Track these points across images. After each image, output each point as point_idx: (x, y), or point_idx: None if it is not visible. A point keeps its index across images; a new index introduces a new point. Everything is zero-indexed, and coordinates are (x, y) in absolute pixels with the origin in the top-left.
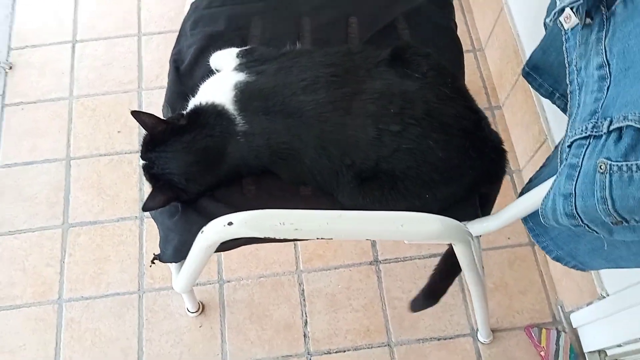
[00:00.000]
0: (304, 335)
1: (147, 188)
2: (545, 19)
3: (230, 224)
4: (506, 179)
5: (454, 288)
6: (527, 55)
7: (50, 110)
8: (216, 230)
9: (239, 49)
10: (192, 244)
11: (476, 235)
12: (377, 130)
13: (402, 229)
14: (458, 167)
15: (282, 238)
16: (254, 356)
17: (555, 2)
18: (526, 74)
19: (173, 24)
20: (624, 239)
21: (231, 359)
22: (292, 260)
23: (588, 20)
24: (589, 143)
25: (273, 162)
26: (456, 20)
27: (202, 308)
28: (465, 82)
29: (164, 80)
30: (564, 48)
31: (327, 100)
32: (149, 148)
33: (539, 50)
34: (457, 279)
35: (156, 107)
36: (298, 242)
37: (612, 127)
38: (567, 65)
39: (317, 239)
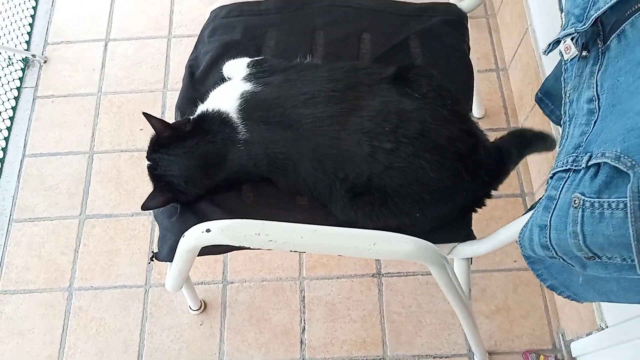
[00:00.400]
0: (301, 342)
1: None
2: (539, 93)
3: (208, 231)
4: (518, 201)
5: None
6: None
7: (78, 104)
8: (195, 235)
9: (251, 59)
10: None
11: (465, 257)
12: (371, 147)
13: (374, 247)
14: (450, 188)
15: (257, 248)
16: (250, 358)
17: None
18: (539, 100)
19: None
20: (596, 274)
21: (227, 359)
22: (295, 266)
23: (585, 52)
24: (569, 176)
25: (271, 171)
26: (483, 39)
27: (204, 307)
28: (486, 101)
29: None
30: (562, 78)
31: (325, 114)
32: (154, 149)
33: (551, 77)
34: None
35: None
36: None
37: (590, 163)
38: (563, 95)
39: (291, 251)
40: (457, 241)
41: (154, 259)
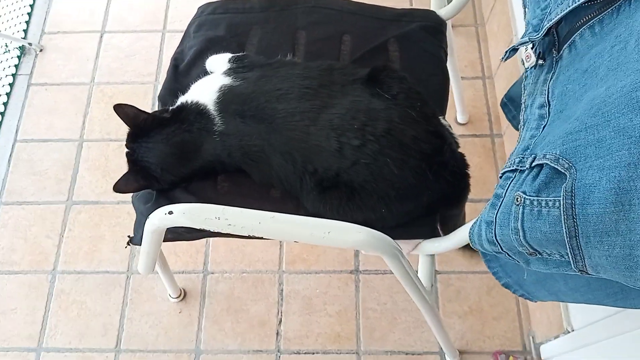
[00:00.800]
0: (277, 333)
1: None
2: (504, 98)
3: (170, 212)
4: None
5: None
6: None
7: (71, 93)
8: (159, 217)
9: (233, 54)
10: None
11: (429, 253)
12: (339, 143)
13: (327, 235)
14: (414, 186)
15: (216, 231)
16: (225, 347)
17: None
18: (503, 105)
19: None
20: (538, 270)
21: (204, 347)
22: (275, 260)
23: (541, 61)
24: (515, 176)
25: (245, 163)
26: (471, 47)
27: (184, 295)
28: (471, 107)
29: None
30: (522, 85)
31: (297, 110)
32: (132, 137)
33: (517, 84)
34: (434, 296)
35: None
36: (284, 244)
37: (534, 164)
38: (522, 101)
39: (249, 236)
40: (422, 238)
41: (130, 243)
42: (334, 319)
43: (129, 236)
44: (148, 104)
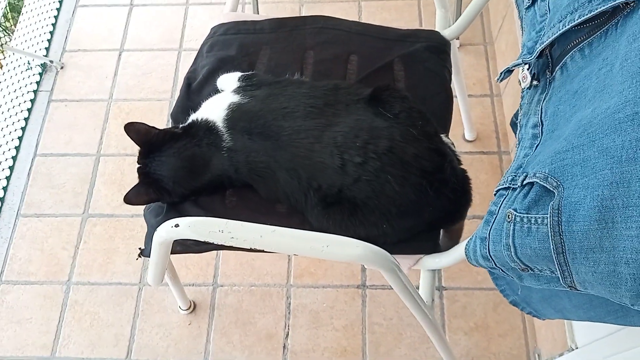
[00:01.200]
0: (284, 347)
1: None
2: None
3: (176, 225)
4: None
5: None
6: None
7: (89, 109)
8: (166, 230)
9: (242, 73)
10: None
11: (430, 269)
12: (342, 160)
13: (326, 249)
14: (415, 203)
15: (220, 244)
16: (233, 359)
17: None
18: (512, 124)
19: None
20: (530, 285)
21: (212, 359)
22: (284, 273)
23: (535, 82)
24: (507, 194)
25: (251, 178)
26: (480, 65)
27: (193, 307)
28: (479, 125)
29: None
30: (520, 103)
31: (302, 128)
32: (144, 153)
33: None
34: (439, 311)
35: None
36: (292, 258)
37: (525, 182)
38: (517, 121)
39: (253, 250)
40: (423, 253)
41: (140, 255)
42: (341, 333)
43: (140, 248)
44: (163, 120)
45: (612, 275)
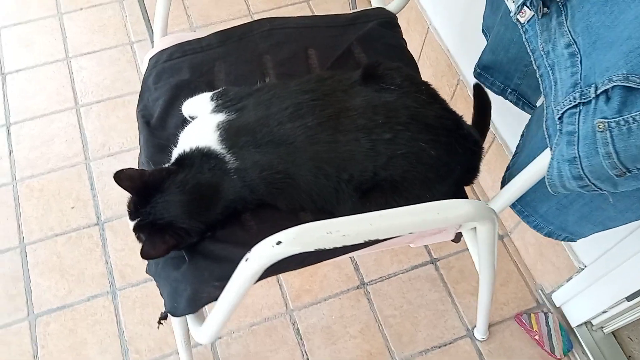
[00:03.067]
0: None
1: (114, 259)
2: (482, 27)
3: (278, 243)
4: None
5: (441, 294)
6: (461, 66)
7: None
8: (265, 253)
9: (211, 92)
10: (205, 291)
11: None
12: (370, 142)
13: (439, 216)
14: (448, 164)
15: (331, 247)
16: None
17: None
18: (478, 75)
19: (110, 91)
20: (627, 189)
21: None
22: (280, 301)
23: (545, 9)
24: (580, 110)
25: (269, 193)
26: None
27: None
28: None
29: (111, 147)
30: (524, 39)
31: (315, 122)
32: (140, 201)
33: (487, 52)
34: (441, 282)
35: (108, 176)
36: (282, 282)
37: (599, 92)
38: (530, 53)
39: (365, 242)
40: None
41: (164, 319)
42: (359, 338)
43: (162, 313)
44: (85, 185)
45: None
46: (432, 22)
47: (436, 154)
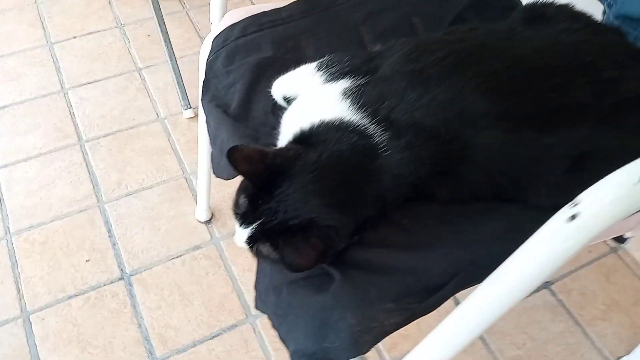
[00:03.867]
0: None
1: (149, 321)
2: None
3: (572, 218)
4: None
5: (567, 323)
6: None
7: None
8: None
9: (315, 63)
10: (377, 318)
11: None
12: (585, 85)
13: None
14: None
15: None
16: None
17: None
18: None
19: (121, 122)
20: None
21: None
22: None
23: None
24: None
25: (432, 176)
26: None
27: None
28: None
29: (129, 185)
30: None
31: (492, 69)
32: (259, 197)
33: None
34: (563, 310)
35: (129, 218)
36: None
37: None
38: None
39: None
40: None
41: None
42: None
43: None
44: (102, 232)
45: None
46: None
47: None
